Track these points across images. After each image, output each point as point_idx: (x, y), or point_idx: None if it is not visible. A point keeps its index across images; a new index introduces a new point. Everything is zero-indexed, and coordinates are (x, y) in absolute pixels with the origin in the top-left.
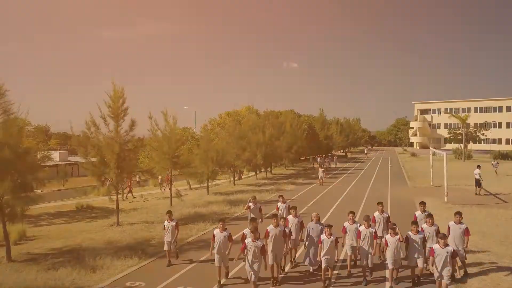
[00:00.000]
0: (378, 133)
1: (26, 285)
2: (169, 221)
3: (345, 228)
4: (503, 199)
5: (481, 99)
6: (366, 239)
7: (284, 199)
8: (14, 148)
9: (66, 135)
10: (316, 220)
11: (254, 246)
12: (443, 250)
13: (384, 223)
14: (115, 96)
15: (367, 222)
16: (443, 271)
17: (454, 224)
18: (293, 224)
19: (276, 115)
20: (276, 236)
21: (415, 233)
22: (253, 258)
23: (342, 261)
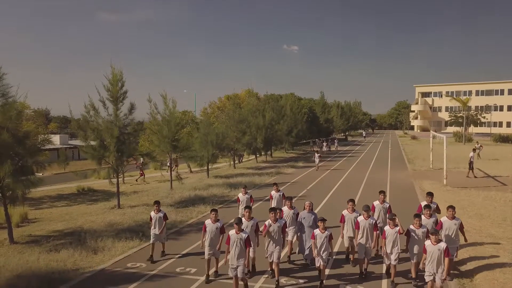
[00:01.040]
0: (379, 117)
1: (29, 266)
2: (156, 212)
3: (344, 217)
4: (502, 182)
5: (482, 82)
6: (365, 230)
7: (278, 187)
8: (14, 132)
9: (66, 119)
10: (309, 209)
11: (238, 238)
12: (435, 247)
13: (385, 213)
14: (114, 80)
15: (367, 212)
16: (435, 270)
17: (447, 220)
18: (289, 216)
19: (276, 99)
20: (274, 232)
21: (417, 227)
22: (238, 252)
23: (337, 253)
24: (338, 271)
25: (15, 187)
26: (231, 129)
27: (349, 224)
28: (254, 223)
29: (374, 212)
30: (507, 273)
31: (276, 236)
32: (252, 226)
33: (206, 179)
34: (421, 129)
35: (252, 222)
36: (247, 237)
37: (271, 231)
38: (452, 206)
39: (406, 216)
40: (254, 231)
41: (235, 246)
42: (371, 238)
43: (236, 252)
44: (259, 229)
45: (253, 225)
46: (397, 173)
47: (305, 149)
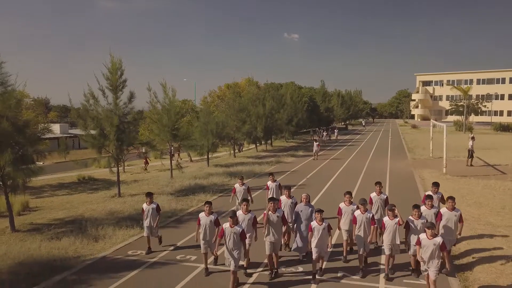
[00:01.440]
0: (379, 105)
1: (30, 253)
2: (149, 203)
3: (341, 210)
4: (502, 170)
5: (483, 71)
6: (363, 225)
7: (274, 177)
8: (13, 121)
9: (65, 108)
10: (306, 201)
11: (232, 232)
12: (430, 242)
13: (382, 205)
14: (113, 68)
15: (364, 206)
16: (430, 265)
17: (447, 211)
18: (286, 205)
19: (276, 87)
20: (274, 223)
21: (416, 218)
22: (232, 246)
23: (334, 246)
24: (336, 264)
25: (15, 175)
26: (231, 118)
27: (346, 217)
28: (252, 216)
29: (372, 205)
30: (505, 259)
31: (275, 227)
32: (249, 220)
33: (206, 168)
34: (421, 118)
35: (249, 215)
36: (241, 231)
37: (271, 221)
38: (452, 197)
39: (405, 206)
40: (251, 224)
41: (230, 239)
42: (369, 232)
43: (231, 246)
44: (257, 223)
45: (250, 218)
46: (397, 162)
47: (305, 138)
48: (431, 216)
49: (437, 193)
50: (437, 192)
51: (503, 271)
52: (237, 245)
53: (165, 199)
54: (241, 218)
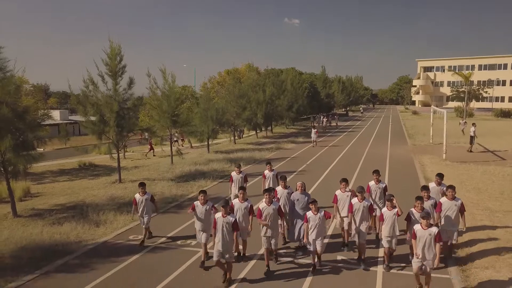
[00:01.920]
0: (380, 92)
1: (33, 238)
2: (142, 194)
3: (337, 197)
4: (501, 156)
5: (485, 56)
6: (360, 213)
7: (271, 166)
8: (13, 107)
9: (65, 94)
10: (301, 190)
11: (224, 222)
12: (426, 232)
13: (381, 194)
14: (112, 54)
15: (361, 194)
16: (427, 256)
17: (447, 201)
18: (283, 196)
19: (277, 73)
20: (270, 216)
21: (419, 210)
22: (223, 237)
23: (332, 237)
24: (333, 256)
25: (16, 161)
26: (231, 104)
27: (343, 204)
28: (248, 205)
29: (369, 193)
30: (503, 243)
31: (271, 220)
32: (245, 208)
33: (207, 154)
34: (422, 104)
35: (246, 204)
36: (234, 221)
37: (266, 215)
38: (452, 186)
39: (404, 194)
40: (248, 213)
41: (222, 230)
42: (366, 221)
43: (223, 237)
44: (253, 212)
45: (246, 207)
46: (397, 148)
47: (306, 124)
48: (429, 208)
49: (441, 184)
50: (441, 184)
51: (500, 257)
52: (229, 236)
53: (166, 185)
54: (237, 206)
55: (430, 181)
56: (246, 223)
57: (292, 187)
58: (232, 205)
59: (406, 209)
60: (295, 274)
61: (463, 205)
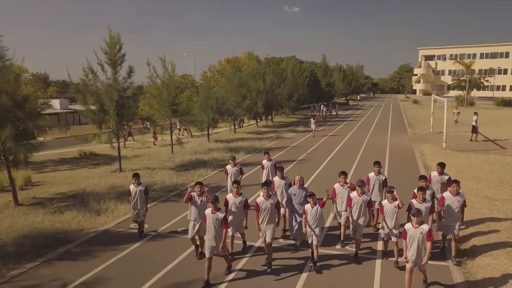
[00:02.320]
0: (381, 80)
1: (34, 227)
2: (136, 185)
3: (335, 191)
4: (502, 145)
5: (487, 45)
6: (359, 208)
7: (270, 156)
8: (12, 96)
9: (65, 83)
10: (299, 184)
11: (214, 218)
12: (417, 231)
13: (380, 186)
14: (111, 42)
15: (361, 188)
16: (417, 255)
17: (451, 196)
18: (280, 186)
19: (277, 62)
20: (267, 210)
21: (421, 202)
22: (213, 233)
23: (328, 230)
24: (330, 251)
25: (17, 150)
26: (231, 93)
27: (341, 198)
28: (243, 199)
29: (368, 185)
30: (501, 231)
31: (268, 215)
32: (240, 203)
33: (207, 143)
34: (423, 93)
35: (240, 198)
36: (223, 217)
37: (264, 209)
38: (457, 181)
39: (404, 183)
40: (242, 208)
41: (211, 226)
42: (364, 215)
43: (212, 233)
44: (248, 206)
45: (241, 201)
46: (397, 137)
47: (306, 113)
48: (428, 197)
49: (443, 174)
50: (442, 173)
51: (502, 248)
52: (218, 232)
53: (166, 173)
54: (232, 201)
55: (430, 170)
56: (241, 219)
57: (291, 178)
58: (227, 200)
59: (405, 198)
60: (292, 268)
61: (465, 203)
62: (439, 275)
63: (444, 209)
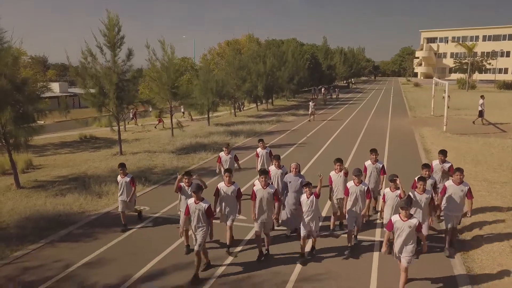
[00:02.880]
0: (382, 63)
1: (36, 209)
2: (122, 176)
3: (331, 179)
4: (502, 129)
5: (490, 27)
6: (356, 198)
7: (265, 143)
8: (11, 78)
9: (64, 66)
10: (295, 172)
11: (197, 209)
12: (405, 224)
13: (378, 175)
14: (110, 24)
15: (358, 177)
16: (404, 250)
17: (453, 185)
18: (276, 176)
19: (277, 44)
20: (265, 200)
21: (421, 192)
22: (196, 223)
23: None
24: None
25: (17, 134)
26: (231, 76)
27: (336, 186)
28: (235, 189)
29: (365, 173)
30: (497, 215)
31: (265, 205)
32: (232, 193)
33: (207, 127)
34: (424, 76)
35: (232, 187)
36: (208, 207)
37: (260, 198)
38: (460, 169)
39: (403, 167)
40: (235, 197)
41: (194, 217)
42: (362, 206)
43: (195, 224)
44: (241, 195)
45: (233, 191)
46: (397, 120)
47: (307, 96)
48: (429, 188)
49: (444, 162)
50: (444, 161)
51: (499, 230)
52: (202, 223)
53: (167, 157)
54: (224, 190)
55: (430, 153)
56: (234, 209)
57: (288, 166)
58: (218, 189)
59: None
60: (280, 261)
61: (470, 191)
62: (439, 267)
63: (447, 199)
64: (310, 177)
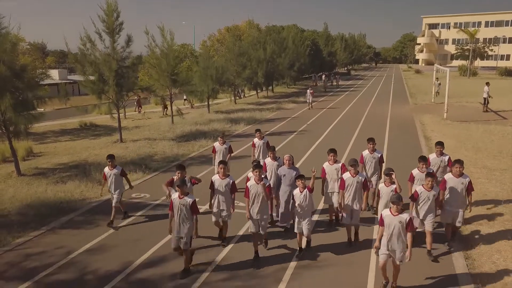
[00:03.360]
0: (383, 50)
1: (37, 196)
2: (111, 168)
3: (324, 170)
4: (503, 116)
5: (492, 12)
6: (352, 190)
7: (262, 134)
8: (10, 65)
9: (63, 53)
10: (289, 164)
11: (181, 204)
12: (395, 219)
13: (376, 165)
14: (108, 10)
15: (354, 168)
16: (395, 247)
17: (453, 178)
18: (272, 168)
19: (278, 30)
20: (259, 196)
21: (429, 189)
22: (181, 221)
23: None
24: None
25: (17, 121)
26: (231, 63)
27: (331, 177)
28: (230, 182)
29: (363, 164)
30: (496, 202)
31: (260, 201)
32: (227, 186)
33: (207, 114)
34: (426, 63)
35: (227, 180)
36: (192, 202)
37: (254, 194)
38: (460, 161)
39: (403, 156)
40: (229, 191)
41: (178, 213)
42: (359, 199)
43: (180, 221)
44: (236, 189)
45: (227, 184)
46: (398, 107)
47: (307, 83)
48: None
49: (442, 154)
50: (442, 153)
51: (497, 217)
52: (188, 219)
53: (167, 144)
54: (218, 183)
55: (430, 140)
56: (228, 203)
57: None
58: (212, 182)
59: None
60: (275, 259)
61: (471, 184)
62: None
63: (447, 193)
64: (308, 165)
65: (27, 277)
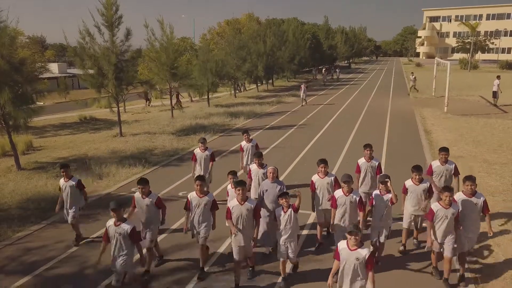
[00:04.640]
0: (384, 43)
1: (37, 190)
2: (66, 180)
3: (314, 184)
4: (503, 109)
5: (494, 5)
6: (345, 210)
7: (249, 136)
8: (9, 59)
9: (62, 47)
10: (273, 178)
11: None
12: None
13: (373, 175)
14: (107, 3)
15: (347, 185)
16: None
17: (465, 199)
18: (258, 176)
19: (278, 24)
20: (242, 218)
21: (447, 207)
22: (117, 252)
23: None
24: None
25: (16, 115)
26: (231, 56)
27: (322, 193)
28: (209, 200)
29: (359, 173)
30: (496, 195)
31: (244, 224)
32: (206, 205)
33: (207, 108)
34: (426, 56)
35: (206, 199)
36: (131, 231)
37: (237, 217)
38: (471, 178)
39: (403, 151)
40: (209, 210)
41: (115, 243)
42: (352, 219)
43: (115, 253)
44: (216, 207)
45: (207, 203)
46: (398, 101)
47: (308, 77)
48: (420, 193)
49: (447, 162)
50: (447, 161)
51: (497, 210)
52: (124, 250)
53: (167, 138)
54: (195, 202)
55: (430, 134)
56: (208, 224)
57: (287, 150)
58: (189, 201)
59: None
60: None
61: (486, 203)
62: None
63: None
64: (307, 161)
65: (28, 271)
